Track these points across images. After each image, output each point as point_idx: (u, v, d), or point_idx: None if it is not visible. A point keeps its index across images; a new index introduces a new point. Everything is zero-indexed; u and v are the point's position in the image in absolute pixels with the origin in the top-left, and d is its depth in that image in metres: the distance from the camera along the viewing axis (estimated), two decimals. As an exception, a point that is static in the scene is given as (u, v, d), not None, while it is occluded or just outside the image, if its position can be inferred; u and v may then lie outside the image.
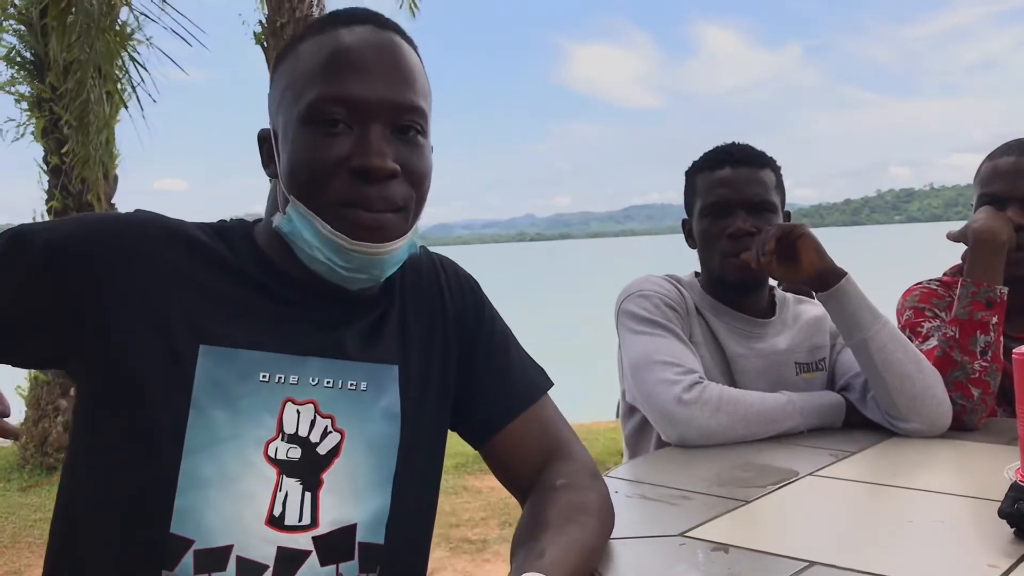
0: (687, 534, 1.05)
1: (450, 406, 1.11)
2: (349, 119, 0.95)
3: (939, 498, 1.22)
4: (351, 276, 0.99)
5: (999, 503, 1.01)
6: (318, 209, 0.95)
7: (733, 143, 1.79)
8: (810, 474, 1.31)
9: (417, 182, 0.99)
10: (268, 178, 1.06)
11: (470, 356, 1.12)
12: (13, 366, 0.97)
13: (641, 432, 1.76)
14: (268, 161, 1.04)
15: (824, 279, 1.59)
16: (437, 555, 4.22)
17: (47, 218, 6.22)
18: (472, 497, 5.00)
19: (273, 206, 1.04)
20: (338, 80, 0.95)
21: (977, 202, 1.80)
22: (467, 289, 1.16)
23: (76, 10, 5.18)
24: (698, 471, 1.35)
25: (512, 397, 1.12)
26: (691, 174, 1.82)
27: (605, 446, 6.25)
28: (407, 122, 0.98)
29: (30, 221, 1.22)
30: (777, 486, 1.25)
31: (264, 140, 1.05)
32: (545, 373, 1.18)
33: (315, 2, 7.09)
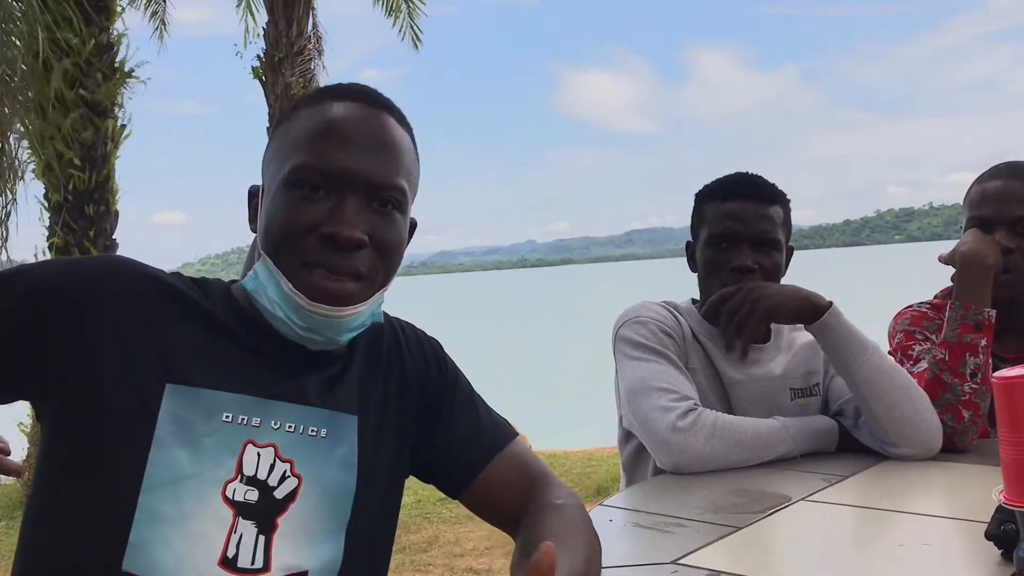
0: (680, 562, 1.06)
1: (407, 462, 1.13)
2: (328, 187, 0.99)
3: (929, 521, 1.23)
4: (308, 336, 1.02)
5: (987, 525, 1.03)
6: (284, 268, 0.99)
7: (747, 174, 1.79)
8: (803, 499, 1.32)
9: (385, 254, 1.03)
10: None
11: (437, 413, 1.15)
12: None
13: (638, 457, 1.77)
14: (254, 216, 1.09)
15: (811, 313, 1.61)
16: (441, 586, 4.20)
17: (49, 255, 6.25)
18: (476, 526, 4.98)
19: (251, 261, 1.07)
20: (322, 149, 1.00)
21: (966, 224, 1.82)
22: (428, 351, 1.19)
23: None
24: (692, 498, 1.36)
25: (487, 441, 1.15)
26: (701, 200, 1.81)
27: (608, 471, 6.21)
28: (385, 196, 1.02)
29: (31, 258, 1.24)
30: (770, 512, 1.26)
31: (253, 196, 1.10)
32: (511, 424, 1.22)
33: (311, 38, 7.17)
